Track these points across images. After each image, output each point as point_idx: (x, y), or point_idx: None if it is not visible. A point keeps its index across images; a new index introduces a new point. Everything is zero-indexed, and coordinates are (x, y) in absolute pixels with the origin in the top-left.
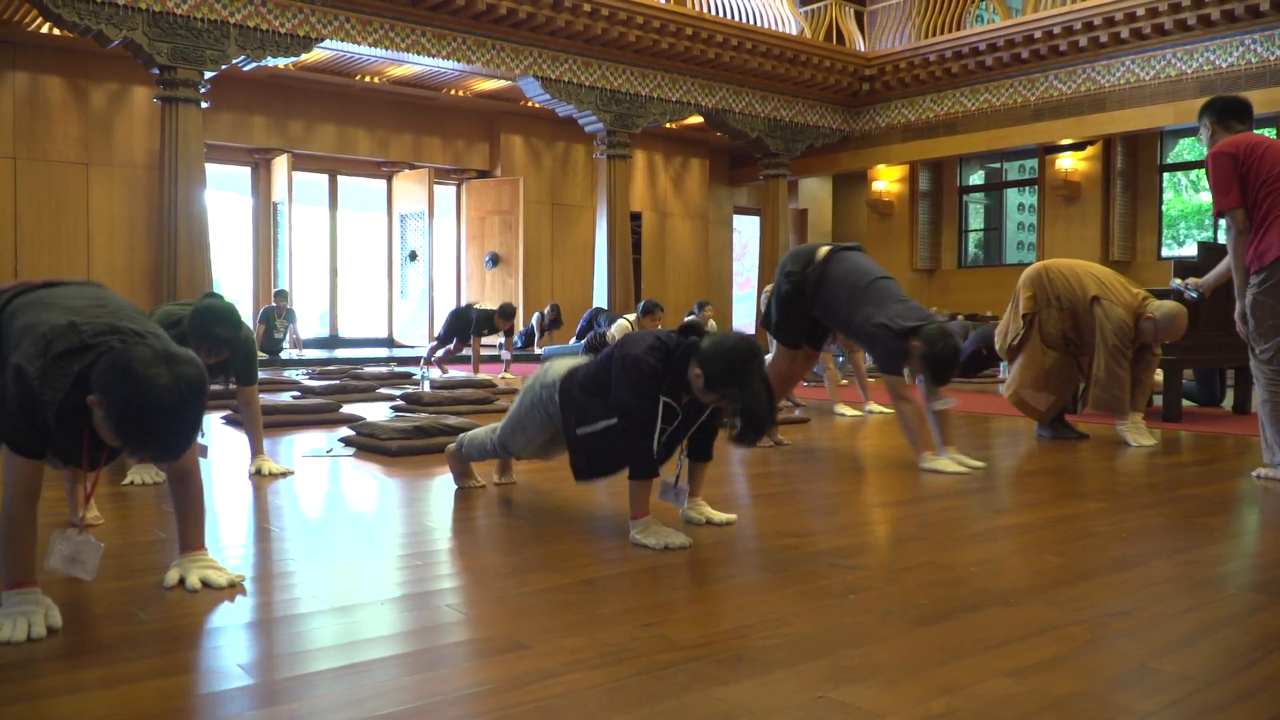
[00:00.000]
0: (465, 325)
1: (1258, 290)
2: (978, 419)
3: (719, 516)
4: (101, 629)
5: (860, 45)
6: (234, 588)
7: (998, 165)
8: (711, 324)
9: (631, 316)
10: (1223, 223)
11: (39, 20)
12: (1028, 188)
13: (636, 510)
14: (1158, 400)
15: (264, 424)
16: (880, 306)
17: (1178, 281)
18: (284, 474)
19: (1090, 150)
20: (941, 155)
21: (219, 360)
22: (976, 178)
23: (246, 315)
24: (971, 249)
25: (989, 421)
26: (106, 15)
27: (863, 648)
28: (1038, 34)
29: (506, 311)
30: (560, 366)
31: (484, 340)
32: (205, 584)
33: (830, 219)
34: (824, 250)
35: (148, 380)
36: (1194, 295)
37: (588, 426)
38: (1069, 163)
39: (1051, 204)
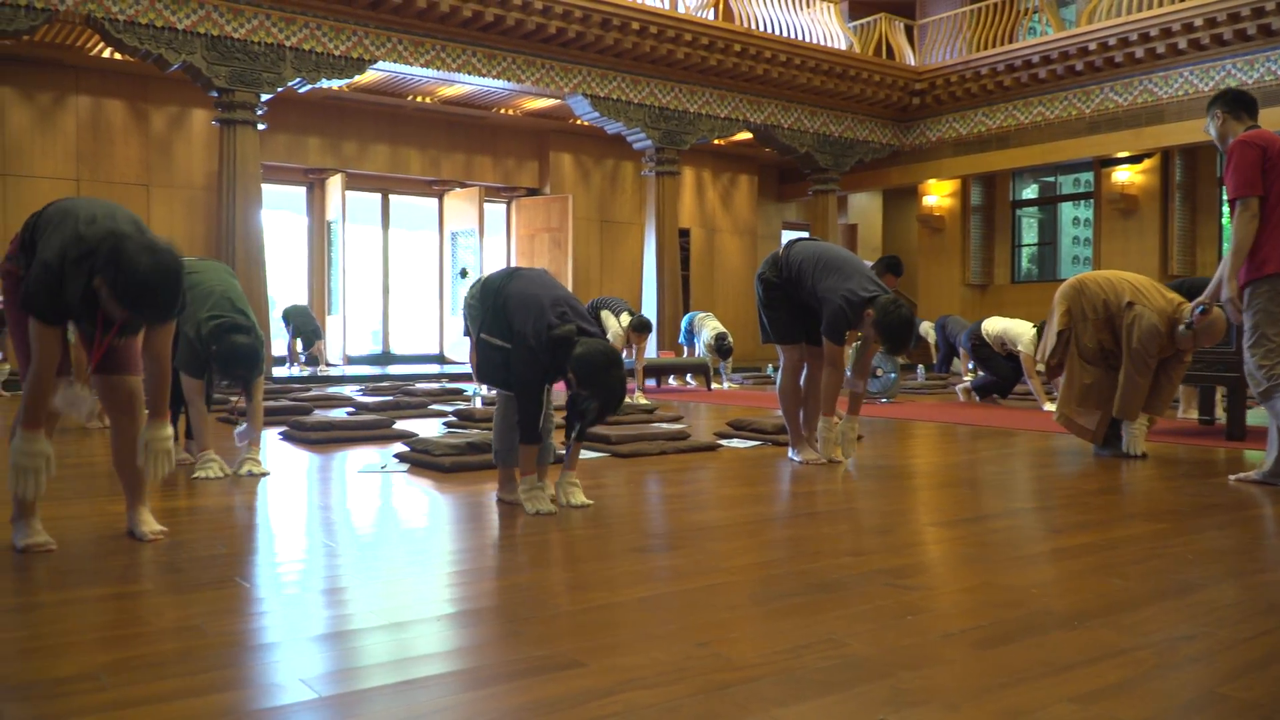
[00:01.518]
0: None
1: (1267, 302)
2: (1036, 436)
3: (579, 500)
4: (165, 642)
5: (910, 59)
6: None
7: (1052, 179)
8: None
9: (626, 322)
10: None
11: (101, 45)
12: (1083, 201)
13: (525, 469)
14: (1220, 417)
15: (320, 438)
16: (844, 278)
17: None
18: (262, 474)
19: (1148, 163)
20: (994, 169)
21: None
22: (1030, 191)
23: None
24: (1025, 264)
25: (1046, 439)
26: (166, 39)
27: (923, 670)
28: (1093, 46)
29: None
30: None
31: None
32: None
33: (880, 234)
34: (785, 243)
35: (135, 266)
36: (1198, 312)
37: (490, 336)
38: (1126, 176)
39: (1108, 218)
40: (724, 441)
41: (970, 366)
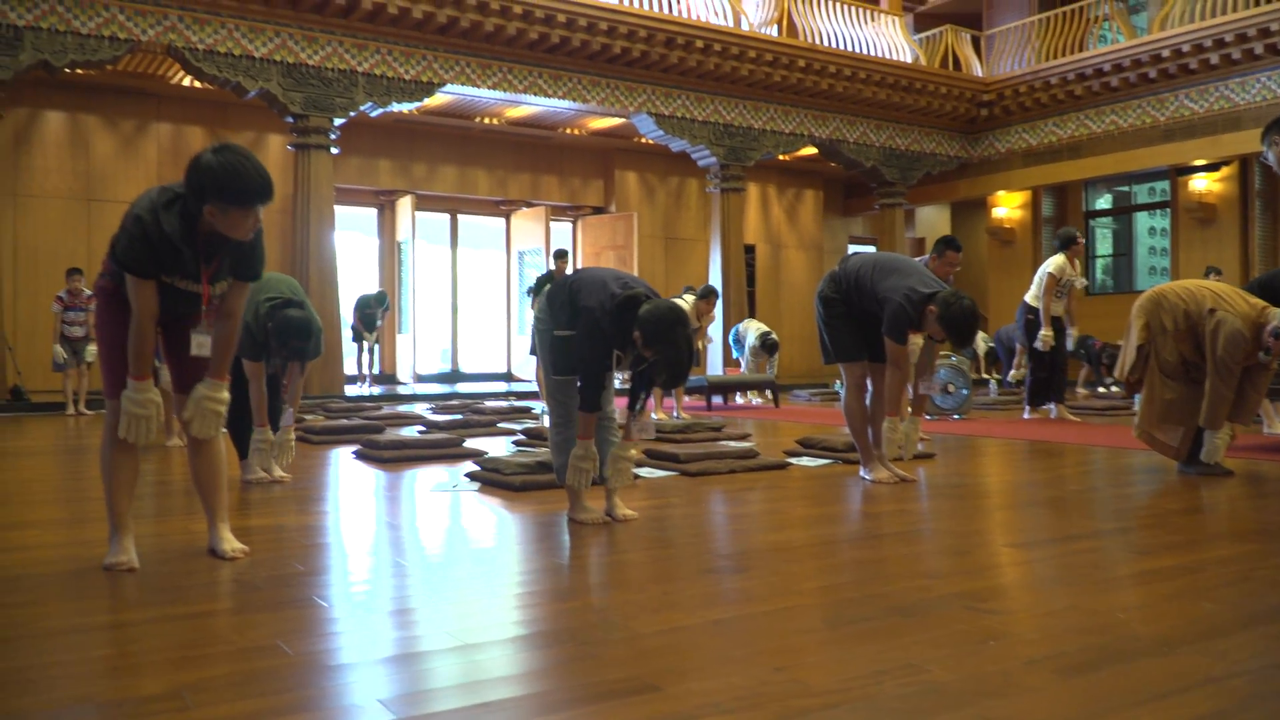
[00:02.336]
0: None
1: None
2: (1114, 453)
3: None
4: (247, 661)
5: (978, 70)
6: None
7: (1126, 188)
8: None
9: (691, 301)
10: None
11: (181, 73)
12: (1159, 211)
13: (583, 433)
14: None
15: (392, 457)
16: (903, 276)
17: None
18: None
19: (1226, 170)
20: (1066, 180)
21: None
22: (1104, 202)
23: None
24: (1100, 275)
25: (1127, 456)
26: (244, 68)
27: (1008, 698)
28: (1166, 53)
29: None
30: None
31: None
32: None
33: None
34: (841, 259)
35: (223, 170)
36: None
37: (563, 330)
38: (1203, 184)
39: (1185, 227)
40: (793, 460)
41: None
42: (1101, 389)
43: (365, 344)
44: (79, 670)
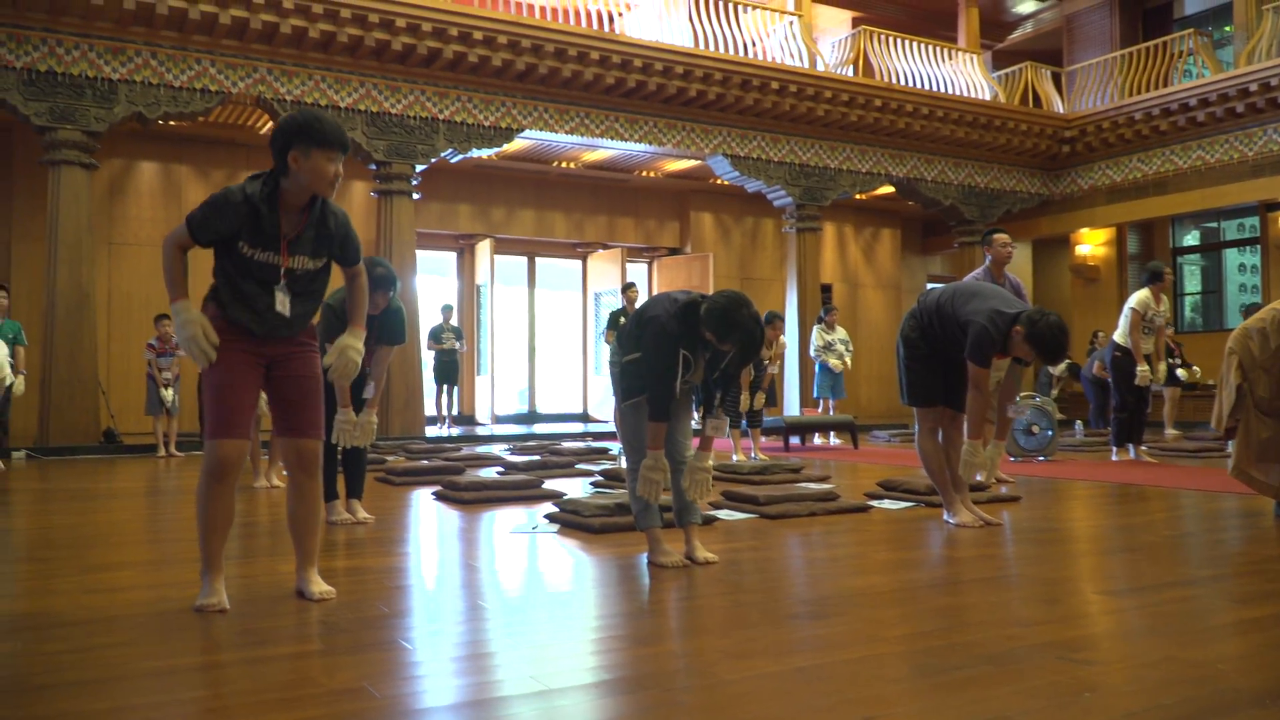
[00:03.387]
0: None
1: None
2: (1207, 497)
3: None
4: (337, 704)
5: (1059, 106)
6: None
7: (1215, 224)
8: (840, 332)
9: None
10: None
11: (269, 123)
12: (1248, 247)
13: (653, 444)
14: None
15: (472, 498)
16: (985, 300)
17: None
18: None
19: None
20: (1151, 216)
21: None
22: (1191, 238)
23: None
24: (1188, 313)
25: (1220, 500)
26: (330, 117)
27: None
28: (1254, 86)
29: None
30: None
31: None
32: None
33: (1031, 285)
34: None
35: (302, 116)
36: None
37: (630, 356)
38: None
39: (1276, 263)
40: (874, 502)
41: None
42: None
43: (445, 386)
44: (174, 712)
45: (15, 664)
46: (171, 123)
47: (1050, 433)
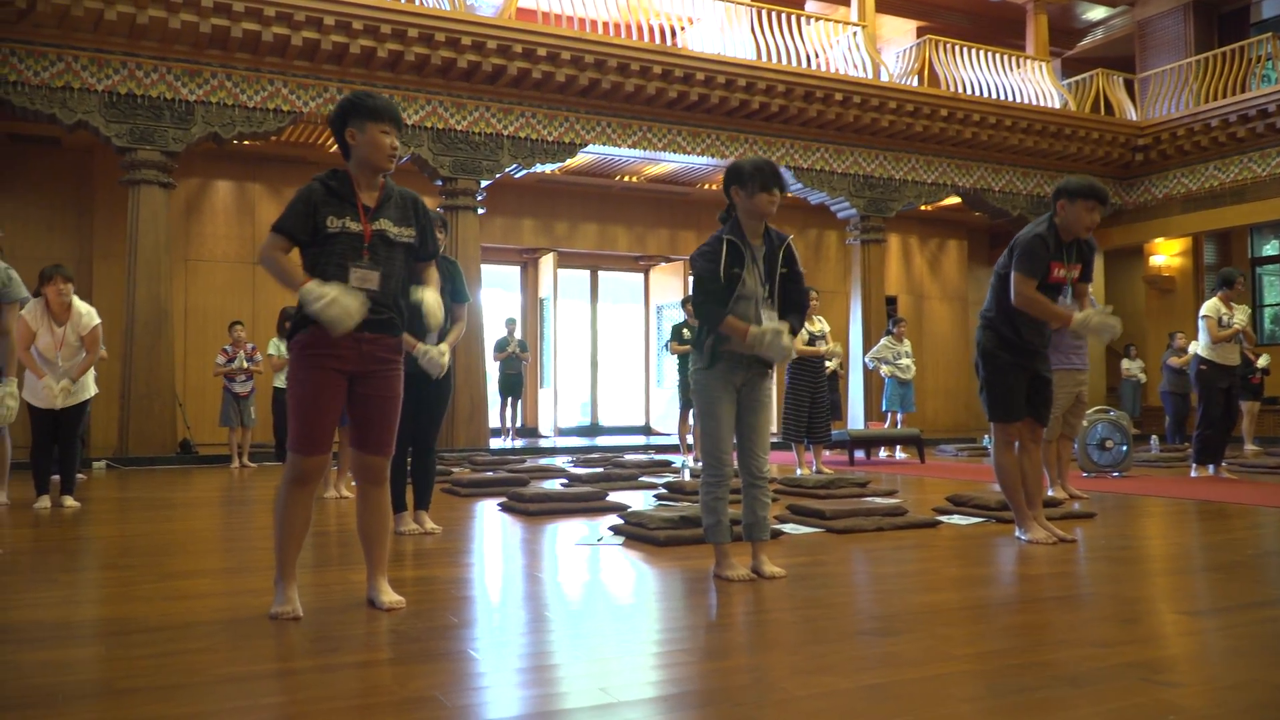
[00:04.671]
0: None
1: None
2: None
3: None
4: (408, 713)
5: (1131, 114)
6: None
7: None
8: (907, 344)
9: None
10: None
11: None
12: None
13: (730, 328)
14: None
15: (537, 510)
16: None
17: None
18: None
19: None
20: (1229, 225)
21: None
22: (1270, 248)
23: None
24: (1268, 325)
25: None
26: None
27: None
28: None
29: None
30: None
31: None
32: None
33: (1103, 296)
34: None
35: (354, 95)
36: None
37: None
38: None
39: None
40: (943, 517)
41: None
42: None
43: (510, 398)
44: (252, 718)
45: (101, 668)
46: (245, 142)
47: (1125, 448)
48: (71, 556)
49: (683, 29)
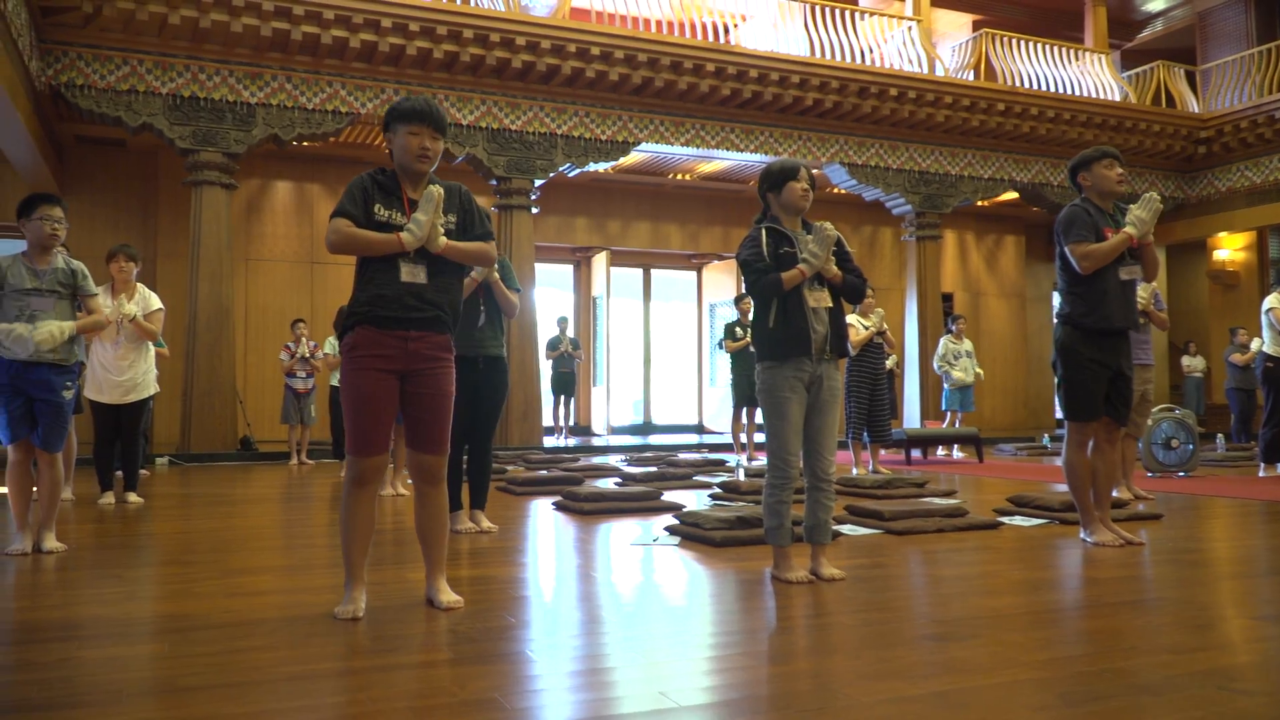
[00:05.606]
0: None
1: None
2: None
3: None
4: (468, 714)
5: (1193, 106)
6: None
7: None
8: (967, 343)
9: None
10: None
11: None
12: None
13: (789, 284)
14: None
15: (592, 509)
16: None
17: None
18: None
19: None
20: None
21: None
22: None
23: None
24: None
25: None
26: (453, 134)
27: None
28: None
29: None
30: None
31: None
32: None
33: (1166, 292)
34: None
35: (395, 102)
36: None
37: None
38: None
39: None
40: (1004, 519)
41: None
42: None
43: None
44: (314, 717)
45: (164, 665)
46: (304, 143)
47: (1191, 447)
48: (134, 553)
49: (735, 26)
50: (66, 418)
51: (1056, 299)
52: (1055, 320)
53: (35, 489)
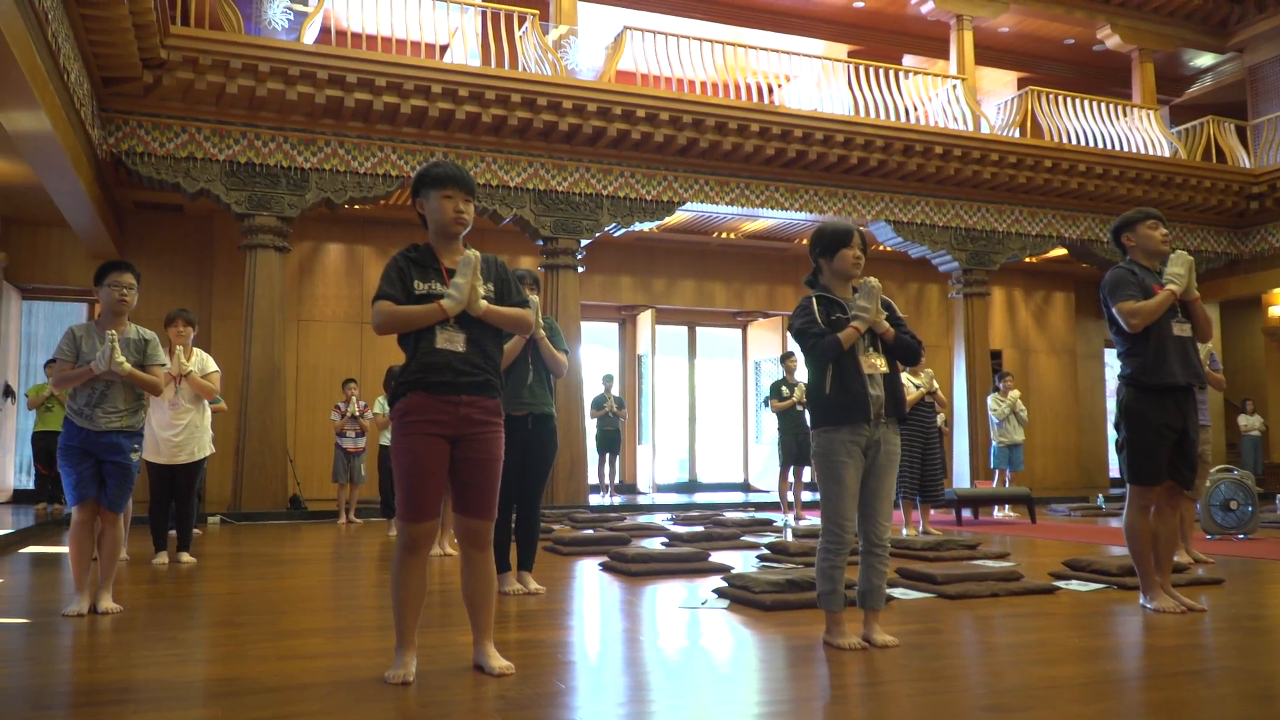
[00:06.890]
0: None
1: None
2: None
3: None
4: None
5: (1245, 161)
6: None
7: None
8: (1014, 393)
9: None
10: None
11: None
12: None
13: (832, 352)
14: None
15: (639, 570)
16: None
17: None
18: None
19: None
20: None
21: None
22: None
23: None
24: None
25: None
26: (500, 197)
27: None
28: None
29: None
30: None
31: None
32: None
33: (1221, 350)
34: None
35: (424, 166)
36: None
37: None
38: None
39: None
40: (1060, 583)
41: None
42: None
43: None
44: None
45: None
46: (355, 206)
47: (1250, 508)
48: (187, 614)
49: (779, 86)
50: (133, 479)
51: (1109, 355)
52: (1118, 380)
53: (95, 551)
